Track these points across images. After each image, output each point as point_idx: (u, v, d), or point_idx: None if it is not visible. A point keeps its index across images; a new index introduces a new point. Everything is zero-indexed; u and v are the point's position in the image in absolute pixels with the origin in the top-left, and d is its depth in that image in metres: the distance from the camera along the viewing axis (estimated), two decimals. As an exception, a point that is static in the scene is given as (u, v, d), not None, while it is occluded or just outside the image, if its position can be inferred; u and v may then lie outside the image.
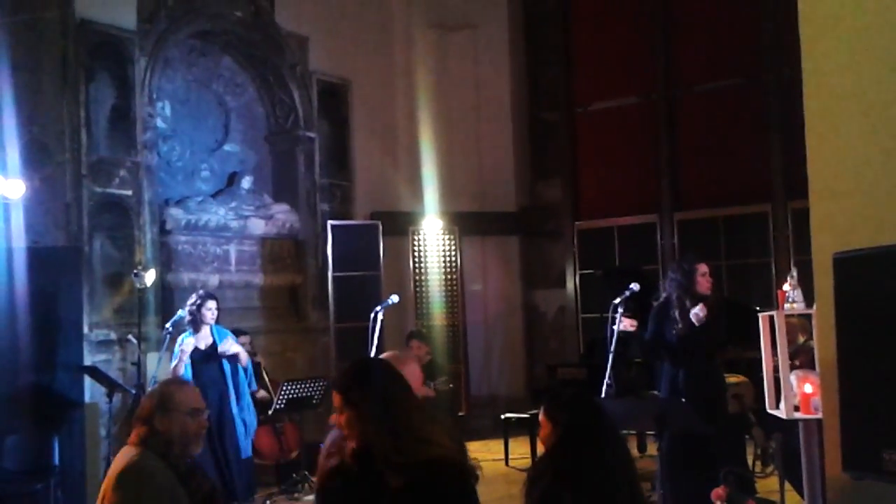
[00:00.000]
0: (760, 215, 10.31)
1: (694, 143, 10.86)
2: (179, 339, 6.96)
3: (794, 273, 4.36)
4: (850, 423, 2.92)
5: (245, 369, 7.07)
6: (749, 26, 10.38)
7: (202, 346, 6.94)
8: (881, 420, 2.79)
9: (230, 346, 6.97)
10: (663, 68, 11.01)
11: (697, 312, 5.86)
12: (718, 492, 4.09)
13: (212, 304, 7.00)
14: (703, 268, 6.05)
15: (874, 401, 2.84)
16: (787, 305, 4.31)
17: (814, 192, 3.53)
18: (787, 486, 5.66)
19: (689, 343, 5.97)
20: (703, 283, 6.03)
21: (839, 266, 2.93)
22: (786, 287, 4.32)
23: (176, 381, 3.18)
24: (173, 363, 6.84)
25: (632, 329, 6.70)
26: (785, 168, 9.95)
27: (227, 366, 6.98)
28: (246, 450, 7.00)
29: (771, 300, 9.56)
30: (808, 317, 4.20)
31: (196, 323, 6.95)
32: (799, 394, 4.16)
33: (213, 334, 7.01)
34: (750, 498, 4.66)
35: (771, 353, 4.40)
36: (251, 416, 7.07)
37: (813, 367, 4.57)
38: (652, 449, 7.84)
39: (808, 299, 4.24)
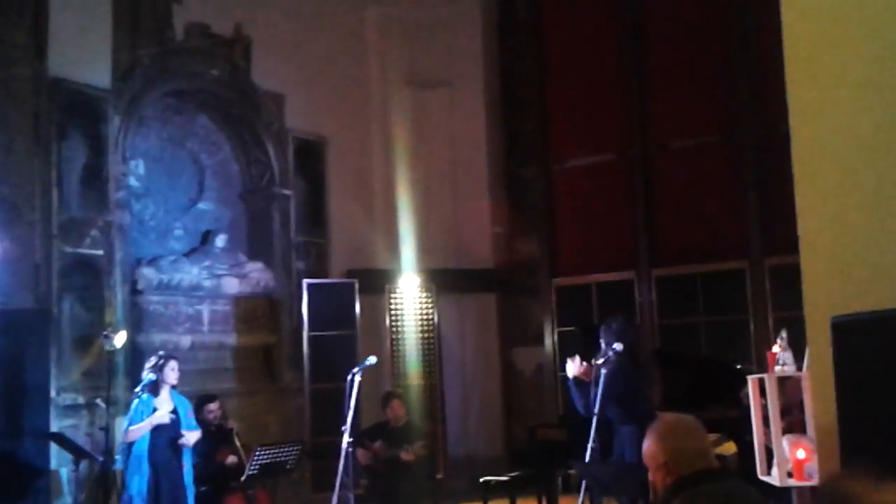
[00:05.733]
0: (738, 272, 10.29)
1: (670, 200, 10.87)
2: (136, 402, 6.57)
3: (784, 334, 4.26)
4: (853, 493, 2.81)
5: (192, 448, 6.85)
6: (724, 83, 10.46)
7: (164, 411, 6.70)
8: (885, 489, 2.69)
9: (191, 437, 6.74)
10: (639, 125, 11.05)
11: None
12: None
13: (174, 364, 6.77)
14: None
15: (877, 468, 2.74)
16: (777, 367, 4.20)
17: (805, 254, 3.47)
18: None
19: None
20: None
21: (838, 330, 2.85)
22: (775, 349, 4.22)
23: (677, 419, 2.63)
24: (135, 425, 6.46)
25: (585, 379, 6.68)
26: (762, 224, 9.96)
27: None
28: None
29: (749, 357, 9.60)
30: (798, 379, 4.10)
31: (157, 385, 6.65)
32: (791, 460, 4.04)
33: (172, 399, 6.77)
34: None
35: (761, 416, 4.29)
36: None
37: (802, 430, 4.47)
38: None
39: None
